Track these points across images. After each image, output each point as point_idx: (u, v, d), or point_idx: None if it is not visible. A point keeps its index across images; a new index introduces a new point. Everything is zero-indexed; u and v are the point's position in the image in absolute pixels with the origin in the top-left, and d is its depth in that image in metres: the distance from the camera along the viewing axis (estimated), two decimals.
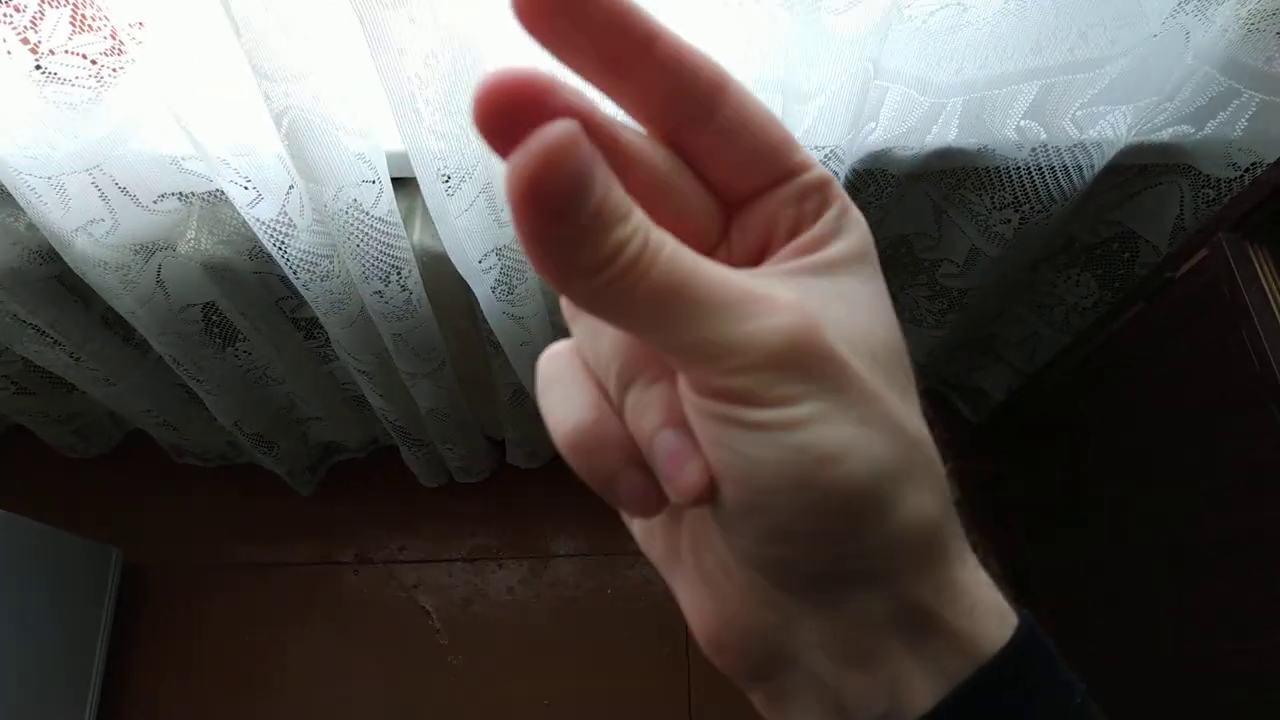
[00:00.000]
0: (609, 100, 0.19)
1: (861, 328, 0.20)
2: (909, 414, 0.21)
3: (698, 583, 0.23)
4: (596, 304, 0.18)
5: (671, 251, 0.18)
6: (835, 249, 0.21)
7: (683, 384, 0.20)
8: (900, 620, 0.21)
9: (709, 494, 0.20)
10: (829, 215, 0.21)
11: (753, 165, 0.21)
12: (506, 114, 0.16)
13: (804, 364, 0.18)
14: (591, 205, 0.16)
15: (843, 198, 0.21)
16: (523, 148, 0.15)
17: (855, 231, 0.21)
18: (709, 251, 0.22)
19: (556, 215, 0.16)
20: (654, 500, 0.21)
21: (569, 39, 0.17)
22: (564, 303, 0.22)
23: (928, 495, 0.20)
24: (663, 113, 0.19)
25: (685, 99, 0.19)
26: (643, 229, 0.17)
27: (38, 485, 1.36)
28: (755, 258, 0.22)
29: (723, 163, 0.20)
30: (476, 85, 0.16)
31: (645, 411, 0.21)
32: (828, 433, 0.19)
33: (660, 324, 0.18)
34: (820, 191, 0.21)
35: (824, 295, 0.20)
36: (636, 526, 0.26)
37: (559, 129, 0.15)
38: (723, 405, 0.19)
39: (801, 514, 0.19)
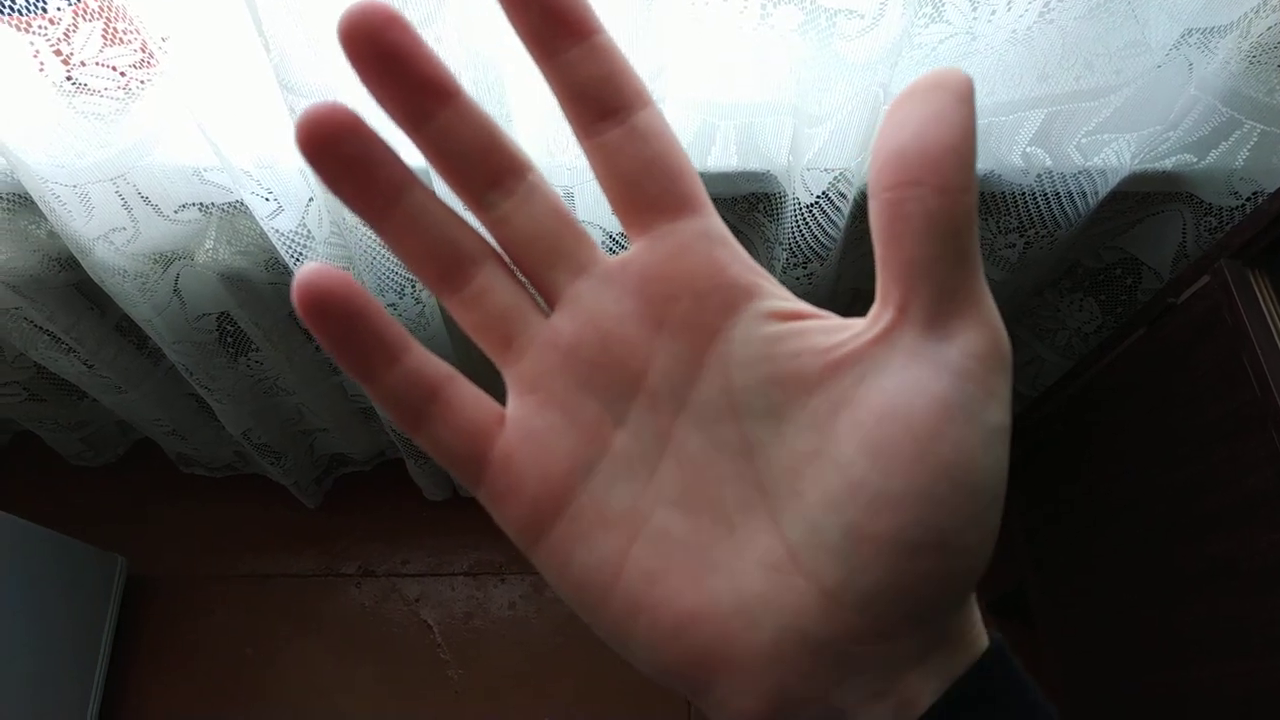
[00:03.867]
0: (546, 75, 0.21)
1: None
2: None
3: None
4: None
5: None
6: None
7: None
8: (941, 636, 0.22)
9: None
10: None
11: (654, 173, 0.22)
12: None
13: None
14: None
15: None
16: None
17: None
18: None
19: None
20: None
21: (525, 17, 0.20)
22: None
23: None
24: (584, 97, 0.21)
25: (609, 90, 0.21)
26: None
27: (44, 492, 1.36)
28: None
29: (628, 157, 0.22)
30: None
31: None
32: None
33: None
34: (732, 248, 0.22)
35: None
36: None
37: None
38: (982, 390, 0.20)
39: (985, 528, 0.20)
